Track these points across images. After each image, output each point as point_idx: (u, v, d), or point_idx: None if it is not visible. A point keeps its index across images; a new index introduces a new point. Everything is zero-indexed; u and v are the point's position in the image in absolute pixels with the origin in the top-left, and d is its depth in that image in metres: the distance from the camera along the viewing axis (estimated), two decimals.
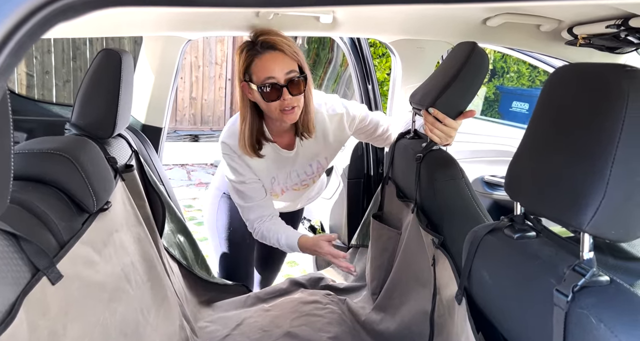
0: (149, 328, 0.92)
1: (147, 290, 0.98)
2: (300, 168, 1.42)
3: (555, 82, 0.66)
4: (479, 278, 0.79)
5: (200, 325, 1.34)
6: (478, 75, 1.20)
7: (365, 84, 1.74)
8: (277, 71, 1.17)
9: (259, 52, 1.17)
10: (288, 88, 1.18)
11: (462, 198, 1.14)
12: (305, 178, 1.45)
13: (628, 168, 0.53)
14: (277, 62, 1.17)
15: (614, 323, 0.51)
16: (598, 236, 0.55)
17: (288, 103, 1.19)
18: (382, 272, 1.36)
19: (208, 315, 1.41)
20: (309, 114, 1.28)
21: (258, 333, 1.30)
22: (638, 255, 0.70)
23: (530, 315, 0.65)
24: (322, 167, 1.45)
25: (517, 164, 0.70)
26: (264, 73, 1.17)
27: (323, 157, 1.43)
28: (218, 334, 1.31)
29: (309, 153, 1.39)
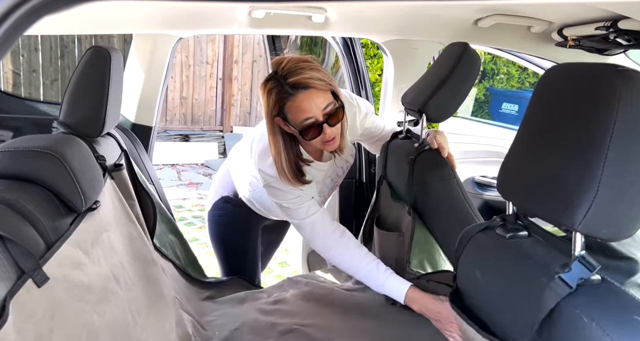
0: (139, 329, 0.91)
1: (139, 290, 0.97)
2: (333, 173, 1.42)
3: (547, 82, 0.67)
4: (471, 277, 0.80)
5: (207, 319, 1.32)
6: (469, 76, 1.21)
7: (358, 84, 1.74)
8: (315, 110, 1.12)
9: (291, 94, 1.11)
10: (328, 122, 1.14)
11: (454, 198, 1.14)
12: (337, 180, 1.46)
13: (620, 168, 0.53)
14: (313, 100, 1.11)
15: (606, 322, 0.51)
16: (590, 235, 0.56)
17: (329, 136, 1.15)
18: None
19: (214, 310, 1.39)
20: (344, 135, 1.24)
21: (267, 328, 1.29)
22: (628, 254, 0.71)
23: (522, 312, 0.65)
24: (349, 164, 1.44)
25: (509, 164, 0.70)
26: (301, 114, 1.12)
27: (349, 154, 1.41)
28: (227, 327, 1.29)
29: (340, 159, 1.39)
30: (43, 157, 0.79)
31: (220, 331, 1.31)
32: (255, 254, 1.72)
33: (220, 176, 1.64)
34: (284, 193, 1.27)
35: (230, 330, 1.30)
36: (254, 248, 1.71)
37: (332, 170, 1.40)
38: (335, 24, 1.41)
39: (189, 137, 6.39)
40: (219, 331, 1.31)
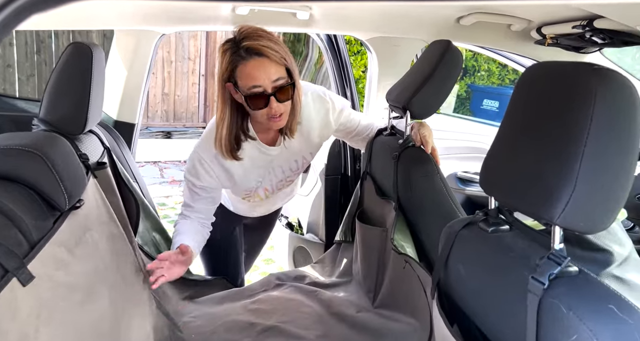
0: (124, 328, 0.90)
1: (121, 289, 0.96)
2: (285, 165, 1.40)
3: (527, 79, 0.68)
4: (455, 272, 0.81)
5: (185, 320, 1.32)
6: (452, 74, 1.22)
7: (342, 81, 1.75)
8: (264, 79, 1.10)
9: (243, 58, 1.10)
10: (275, 96, 1.12)
11: (437, 193, 1.16)
12: (290, 174, 1.44)
13: (596, 164, 0.55)
14: (263, 69, 1.10)
15: (583, 311, 0.53)
16: (568, 228, 0.58)
17: (275, 111, 1.14)
18: (374, 270, 1.37)
19: (191, 311, 1.39)
20: (294, 116, 1.23)
21: (244, 328, 1.29)
22: (603, 246, 0.73)
23: (504, 304, 0.67)
24: (307, 162, 1.43)
25: (491, 160, 0.72)
26: (249, 81, 1.10)
27: (308, 152, 1.40)
28: (204, 329, 1.29)
29: (294, 149, 1.37)
30: (24, 155, 0.78)
31: (197, 333, 1.31)
32: (237, 254, 1.72)
33: None
34: (200, 178, 1.28)
35: (208, 332, 1.29)
36: (236, 248, 1.70)
37: (282, 159, 1.37)
38: (319, 21, 1.41)
39: (171, 134, 6.32)
40: (195, 334, 1.31)
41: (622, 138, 0.55)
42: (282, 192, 1.54)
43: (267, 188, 1.45)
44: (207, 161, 1.27)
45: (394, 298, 1.30)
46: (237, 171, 1.31)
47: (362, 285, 1.44)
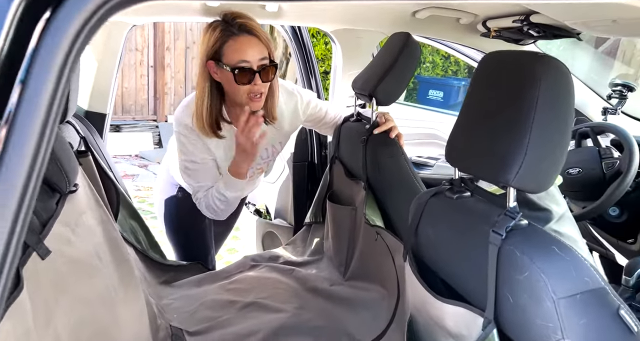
0: (121, 304, 0.96)
1: (114, 270, 1.01)
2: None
3: (484, 66, 0.81)
4: (425, 237, 0.94)
5: (165, 303, 1.37)
6: (411, 64, 1.35)
7: (307, 71, 1.83)
8: (252, 55, 1.18)
9: (235, 34, 1.17)
10: (260, 74, 1.19)
11: (403, 173, 1.28)
12: (260, 162, 1.51)
13: (541, 135, 0.68)
14: (253, 46, 1.18)
15: (532, 253, 0.66)
16: (521, 189, 0.71)
17: (258, 89, 1.21)
18: (345, 245, 1.48)
19: (170, 294, 1.43)
20: (274, 101, 1.31)
21: (224, 305, 1.36)
22: (544, 206, 0.89)
23: (469, 256, 0.79)
24: (277, 151, 1.52)
25: (455, 136, 0.84)
26: (238, 55, 1.17)
27: (278, 142, 1.48)
28: (185, 310, 1.34)
29: (266, 139, 1.44)
30: None
31: (178, 313, 1.37)
32: (208, 240, 1.77)
33: (167, 164, 1.68)
34: (192, 152, 1.31)
35: (189, 312, 1.35)
36: (206, 235, 1.76)
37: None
38: (288, 13, 1.49)
39: (121, 128, 6.12)
40: (177, 314, 1.37)
41: (561, 113, 0.68)
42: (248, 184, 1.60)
43: None
44: (190, 137, 1.32)
45: (363, 270, 1.42)
46: (217, 151, 1.37)
47: (334, 260, 1.55)
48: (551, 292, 0.62)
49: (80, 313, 0.77)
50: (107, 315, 0.86)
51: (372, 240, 1.27)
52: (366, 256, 1.38)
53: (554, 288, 0.62)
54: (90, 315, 0.81)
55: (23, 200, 0.38)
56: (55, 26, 0.35)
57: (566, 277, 0.63)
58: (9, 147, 0.36)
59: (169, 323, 1.29)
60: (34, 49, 0.35)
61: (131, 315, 1.01)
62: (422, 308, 0.91)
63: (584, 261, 0.64)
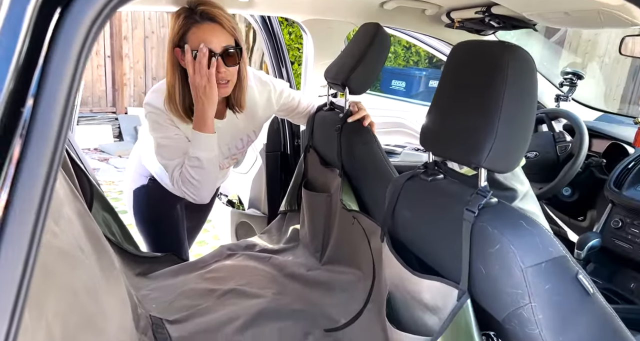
0: (104, 294, 0.96)
1: (95, 261, 1.00)
2: (231, 142, 1.47)
3: (455, 55, 0.86)
4: (402, 218, 0.99)
5: (142, 294, 1.37)
6: (382, 53, 1.39)
7: (278, 60, 1.84)
8: (215, 43, 1.18)
9: (197, 21, 1.17)
10: (224, 59, 1.20)
11: (376, 159, 1.33)
12: (236, 152, 1.52)
13: (509, 119, 0.74)
14: (215, 34, 1.18)
15: (502, 227, 0.72)
16: (491, 169, 0.76)
17: (222, 76, 1.21)
18: (321, 231, 1.51)
19: (147, 285, 1.43)
20: (242, 90, 1.31)
21: (203, 294, 1.37)
22: (510, 186, 0.96)
23: (444, 234, 0.85)
24: (251, 140, 1.53)
25: (429, 122, 0.90)
26: (200, 40, 1.17)
27: (252, 130, 1.50)
28: (163, 300, 1.35)
29: (239, 127, 1.45)
30: None
31: (157, 303, 1.37)
32: (180, 231, 1.77)
33: (138, 154, 1.66)
34: (165, 128, 1.29)
35: (167, 301, 1.36)
36: (178, 225, 1.75)
37: (228, 136, 1.43)
38: (258, 3, 1.49)
39: (78, 120, 5.88)
40: (156, 304, 1.37)
41: (526, 98, 0.74)
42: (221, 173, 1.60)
43: None
44: (163, 116, 1.31)
45: (339, 255, 1.47)
46: (187, 133, 1.36)
47: (310, 246, 1.59)
48: (520, 262, 0.68)
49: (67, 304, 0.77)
50: (93, 305, 0.86)
51: (348, 224, 1.32)
52: (342, 240, 1.43)
53: (522, 259, 0.68)
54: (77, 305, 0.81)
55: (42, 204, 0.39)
56: (67, 25, 0.37)
57: (533, 248, 0.69)
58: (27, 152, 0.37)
59: (148, 313, 1.30)
60: (47, 50, 0.37)
61: (114, 305, 1.01)
62: (400, 285, 0.96)
63: (547, 233, 0.71)
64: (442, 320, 0.85)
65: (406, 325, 0.96)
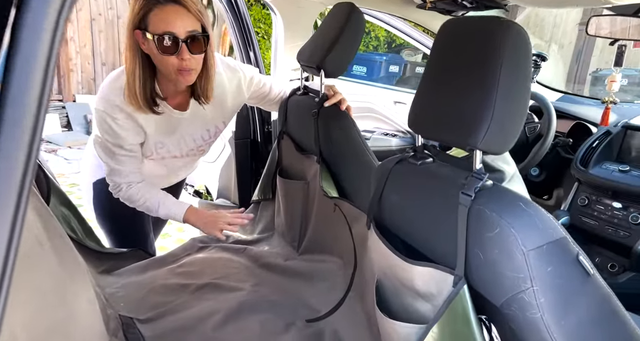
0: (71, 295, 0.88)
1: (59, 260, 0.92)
2: (196, 133, 1.39)
3: (445, 33, 0.83)
4: (389, 203, 0.96)
5: (109, 292, 1.28)
6: (358, 33, 1.34)
7: (245, 42, 1.75)
8: (179, 27, 1.10)
9: (161, 3, 1.08)
10: (188, 45, 1.11)
11: (355, 145, 1.30)
12: (202, 144, 1.44)
13: (506, 98, 0.71)
14: (180, 17, 1.09)
15: (500, 210, 0.70)
16: (487, 151, 0.74)
17: (187, 64, 1.13)
18: (298, 220, 1.47)
19: (113, 283, 1.34)
20: (209, 79, 1.23)
21: (176, 289, 1.30)
22: (498, 168, 0.95)
23: (436, 220, 0.83)
24: (220, 130, 1.45)
25: (418, 104, 0.86)
26: (163, 26, 1.09)
27: (221, 121, 1.42)
28: (132, 298, 1.27)
29: (206, 118, 1.37)
30: None
31: (125, 302, 1.29)
32: (146, 225, 1.68)
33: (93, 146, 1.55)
34: (121, 130, 1.23)
35: (137, 299, 1.28)
36: (143, 218, 1.66)
37: (192, 128, 1.37)
38: None
39: None
40: (124, 303, 1.29)
41: (522, 75, 0.72)
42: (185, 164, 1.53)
43: (177, 155, 1.45)
44: (118, 117, 1.22)
45: (318, 243, 1.43)
46: (147, 126, 1.28)
47: (286, 236, 1.54)
48: (521, 245, 0.66)
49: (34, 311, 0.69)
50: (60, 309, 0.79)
51: (329, 212, 1.28)
52: (321, 229, 1.39)
53: (524, 242, 0.67)
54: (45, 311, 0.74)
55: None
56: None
57: (533, 230, 0.68)
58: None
59: (117, 312, 1.22)
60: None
61: (82, 307, 0.93)
62: (389, 272, 0.94)
63: (547, 215, 0.70)
64: (435, 307, 0.83)
65: (396, 313, 0.94)
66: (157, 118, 1.26)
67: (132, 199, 1.35)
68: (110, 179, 1.33)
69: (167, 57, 1.12)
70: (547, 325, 0.66)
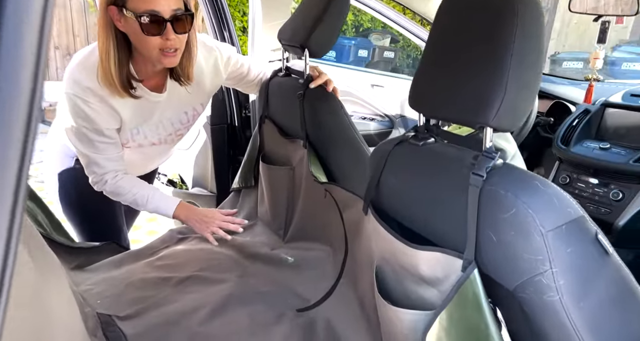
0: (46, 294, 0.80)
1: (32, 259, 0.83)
2: (174, 116, 1.31)
3: (448, 5, 0.78)
4: (387, 187, 0.91)
5: (83, 289, 1.19)
6: (343, 10, 1.28)
7: (219, 22, 1.66)
8: (163, 5, 1.02)
9: None
10: (173, 25, 1.04)
11: (344, 128, 1.24)
12: (180, 128, 1.36)
13: (519, 71, 0.68)
14: None
15: (516, 190, 0.67)
16: (497, 128, 0.70)
17: (171, 44, 1.06)
18: (284, 208, 1.41)
19: (86, 279, 1.25)
20: (191, 59, 1.17)
21: (157, 283, 1.23)
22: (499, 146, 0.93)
23: (442, 202, 0.79)
24: (198, 113, 1.38)
25: (420, 80, 0.81)
26: (145, 4, 1.01)
27: (199, 103, 1.34)
28: (108, 293, 1.18)
29: (184, 100, 1.29)
30: None
31: (101, 299, 1.21)
32: (118, 215, 1.59)
33: (58, 132, 1.44)
34: (96, 114, 1.14)
35: (114, 295, 1.21)
36: (115, 210, 1.57)
37: (169, 110, 1.31)
38: None
39: None
40: (100, 300, 1.21)
41: (536, 47, 0.68)
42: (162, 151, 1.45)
43: (155, 142, 1.36)
44: (91, 101, 1.13)
45: (306, 231, 1.38)
46: (123, 111, 1.19)
47: (272, 224, 1.49)
48: (539, 226, 0.63)
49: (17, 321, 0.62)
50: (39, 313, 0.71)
51: (319, 198, 1.23)
52: (309, 216, 1.34)
53: (542, 222, 0.64)
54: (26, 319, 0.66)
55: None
56: None
57: (551, 210, 0.65)
58: None
59: (95, 310, 1.14)
60: None
61: (61, 308, 0.85)
62: (390, 258, 0.90)
63: (563, 193, 0.67)
64: (441, 292, 0.80)
65: (397, 300, 0.90)
66: (132, 102, 1.18)
67: (119, 192, 1.28)
68: (91, 171, 1.25)
69: (150, 37, 1.04)
70: (566, 308, 0.64)
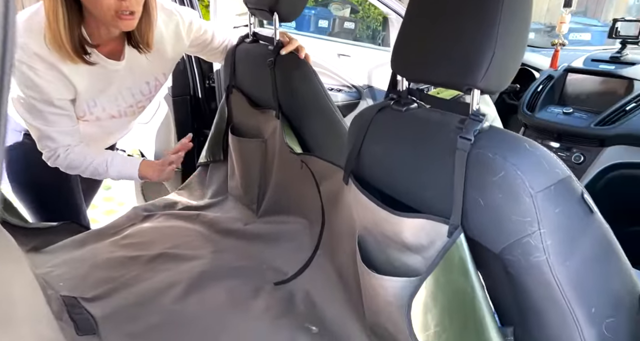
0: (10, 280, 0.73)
1: None
2: (135, 86, 1.22)
3: None
4: (369, 155, 0.89)
5: (42, 272, 1.11)
6: None
7: None
8: None
9: None
10: None
11: (318, 96, 1.20)
12: (142, 99, 1.27)
13: (507, 31, 0.66)
14: None
15: (503, 152, 0.66)
16: (485, 89, 0.69)
17: (127, 5, 0.98)
18: (256, 182, 1.36)
19: (46, 261, 1.17)
20: (150, 24, 1.08)
21: (124, 263, 1.16)
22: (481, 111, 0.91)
23: (427, 168, 0.77)
24: (160, 84, 1.29)
25: (402, 42, 0.78)
26: None
27: (161, 72, 1.26)
28: (71, 275, 1.12)
29: (145, 68, 1.20)
30: None
31: (64, 281, 1.15)
32: (75, 193, 1.49)
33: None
34: (46, 83, 1.05)
35: (78, 277, 1.14)
36: (72, 187, 1.47)
37: (130, 80, 1.23)
38: None
39: None
40: (63, 282, 1.15)
41: (524, 6, 0.67)
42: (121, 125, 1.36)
43: (114, 114, 1.27)
44: (38, 68, 1.03)
45: (280, 204, 1.35)
46: (79, 81, 1.10)
47: (243, 198, 1.44)
48: (529, 188, 0.63)
49: None
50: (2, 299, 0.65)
51: (294, 170, 1.19)
52: (283, 188, 1.31)
53: (531, 184, 0.63)
54: None
55: None
56: None
57: (540, 171, 0.65)
58: None
59: (58, 293, 1.07)
60: None
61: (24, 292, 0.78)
62: (373, 227, 0.89)
63: (550, 154, 0.67)
64: (426, 259, 0.79)
65: (381, 268, 0.90)
66: (87, 69, 1.08)
67: (74, 165, 1.19)
68: (44, 145, 1.15)
69: None
70: (552, 267, 0.65)
